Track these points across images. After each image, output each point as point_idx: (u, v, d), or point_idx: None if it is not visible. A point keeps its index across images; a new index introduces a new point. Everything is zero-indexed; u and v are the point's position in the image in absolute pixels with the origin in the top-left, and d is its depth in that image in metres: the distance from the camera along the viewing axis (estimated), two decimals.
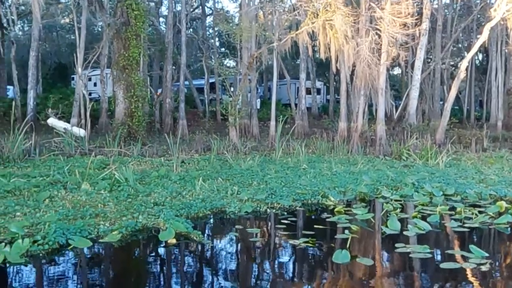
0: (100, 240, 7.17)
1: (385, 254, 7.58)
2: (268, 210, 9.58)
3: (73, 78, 35.37)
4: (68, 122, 21.23)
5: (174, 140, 16.08)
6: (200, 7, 38.04)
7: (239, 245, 7.99)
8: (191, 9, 38.07)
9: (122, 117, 19.41)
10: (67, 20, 42.77)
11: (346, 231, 7.91)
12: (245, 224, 8.73)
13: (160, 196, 9.79)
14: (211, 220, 9.04)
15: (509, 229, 8.66)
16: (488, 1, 30.09)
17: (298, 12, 21.57)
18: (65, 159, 14.54)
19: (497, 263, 7.05)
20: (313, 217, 9.67)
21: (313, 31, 19.31)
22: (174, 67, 30.14)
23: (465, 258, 6.82)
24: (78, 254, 6.86)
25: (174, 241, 7.26)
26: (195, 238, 7.45)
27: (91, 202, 9.17)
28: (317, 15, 18.66)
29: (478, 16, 32.20)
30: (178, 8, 32.28)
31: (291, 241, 7.64)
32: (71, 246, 6.80)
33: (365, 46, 19.08)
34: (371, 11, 20.26)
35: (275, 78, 24.73)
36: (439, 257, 7.11)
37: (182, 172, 13.03)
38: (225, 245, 7.97)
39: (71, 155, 15.67)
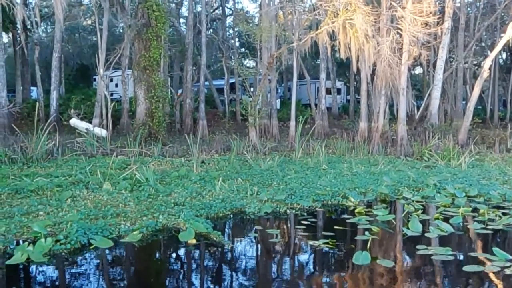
0: (121, 240, 7.24)
1: (406, 256, 7.49)
2: (288, 210, 9.56)
3: (95, 79, 35.77)
4: (90, 122, 21.49)
5: (194, 140, 16.17)
6: (220, 7, 38.13)
7: (258, 245, 7.98)
8: (211, 10, 38.21)
9: (143, 118, 19.58)
10: (89, 22, 43.35)
11: (367, 233, 7.85)
12: (264, 225, 8.73)
13: (180, 196, 9.84)
14: (231, 221, 9.05)
15: None
16: None
17: (318, 12, 21.49)
18: (87, 159, 14.73)
19: None
20: (333, 218, 9.62)
21: (333, 31, 19.21)
22: (194, 68, 30.30)
23: (488, 261, 6.71)
24: (99, 254, 6.94)
25: (194, 241, 7.29)
26: (215, 238, 7.47)
27: (112, 202, 9.27)
28: (337, 14, 18.55)
29: (502, 14, 31.63)
30: (198, 9, 32.42)
31: (311, 242, 7.62)
32: (93, 246, 6.88)
33: (386, 45, 18.91)
34: (392, 10, 20.08)
35: (295, 78, 24.67)
36: (461, 260, 7.00)
37: (202, 172, 13.08)
38: (245, 245, 7.96)
39: (93, 155, 15.86)
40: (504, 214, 9.29)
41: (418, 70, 44.22)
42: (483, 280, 6.22)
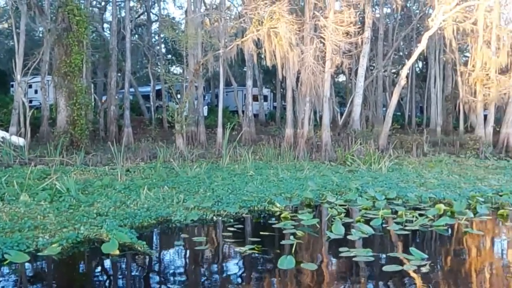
0: (40, 254, 6.91)
1: (330, 259, 7.69)
2: (215, 217, 9.53)
3: (12, 85, 34.05)
4: (7, 131, 20.38)
5: (119, 148, 15.77)
6: (145, 13, 37.54)
7: (185, 254, 7.90)
8: (136, 15, 37.49)
9: (64, 125, 18.87)
10: (6, 25, 41.21)
11: (291, 237, 7.99)
12: (191, 233, 8.66)
13: (103, 206, 9.55)
14: (157, 230, 8.90)
15: (447, 230, 9.01)
16: (426, 12, 31.28)
17: (243, 20, 21.67)
18: (2, 170, 13.96)
19: (436, 264, 7.30)
20: (259, 223, 9.70)
21: (258, 39, 19.45)
22: (119, 74, 29.52)
23: (406, 260, 7.02)
24: (16, 269, 6.58)
25: (117, 252, 7.09)
26: (139, 248, 7.32)
27: (30, 214, 8.83)
28: (262, 22, 18.81)
29: (418, 25, 33.36)
30: (123, 14, 31.74)
31: (238, 248, 7.64)
32: (7, 261, 6.52)
33: (309, 53, 19.41)
34: (315, 20, 20.64)
35: (222, 85, 24.70)
36: (382, 260, 7.28)
37: (127, 181, 12.77)
38: (171, 254, 7.86)
39: (9, 165, 15.05)
40: (420, 215, 9.76)
41: (342, 78, 45.70)
42: (402, 279, 6.50)
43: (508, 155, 22.70)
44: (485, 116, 25.25)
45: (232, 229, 8.77)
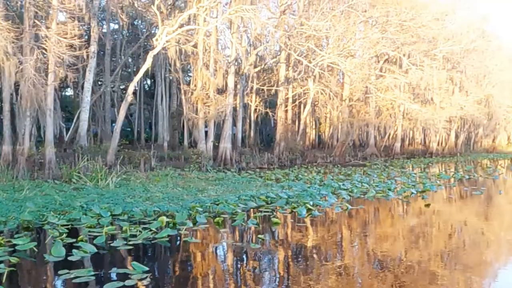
0: None
1: (48, 284, 7.23)
2: None
3: None
4: None
5: None
6: None
7: None
8: None
9: None
10: None
11: (2, 265, 7.24)
12: None
13: None
14: None
15: (169, 241, 9.41)
16: (152, 31, 32.45)
17: None
18: None
19: (157, 275, 7.55)
20: None
21: None
22: None
23: (127, 275, 7.06)
24: None
25: None
26: None
27: None
28: None
29: (145, 43, 34.33)
30: None
31: None
32: None
33: (29, 64, 18.08)
34: (36, 29, 19.36)
35: None
36: (103, 278, 7.16)
37: None
38: None
39: None
40: (144, 228, 9.98)
41: (70, 92, 43.80)
42: None
43: (226, 167, 25.09)
44: (206, 132, 27.42)
45: None
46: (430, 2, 39.04)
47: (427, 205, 14.97)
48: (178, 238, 9.80)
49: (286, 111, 34.45)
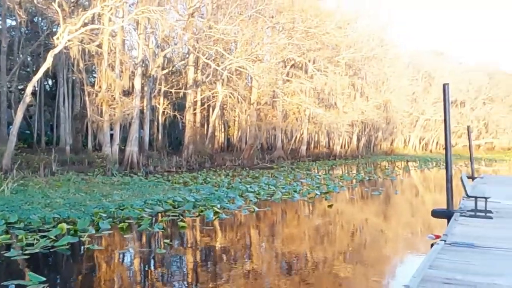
0: None
1: None
2: None
3: None
4: None
5: None
6: None
7: None
8: None
9: None
10: None
11: None
12: None
13: None
14: None
15: (69, 249, 8.98)
16: (53, 29, 30.89)
17: None
18: None
19: (56, 285, 7.18)
20: None
21: None
22: None
23: (24, 287, 6.64)
24: None
25: None
26: None
27: None
28: None
29: (46, 42, 32.56)
30: None
31: None
32: None
33: None
34: None
35: None
36: None
37: None
38: None
39: None
40: (42, 237, 9.46)
41: None
42: None
43: (133, 171, 24.46)
44: (112, 135, 26.56)
45: None
46: (334, 10, 40.78)
47: (330, 206, 15.57)
48: (80, 245, 9.39)
49: (195, 114, 34.28)
